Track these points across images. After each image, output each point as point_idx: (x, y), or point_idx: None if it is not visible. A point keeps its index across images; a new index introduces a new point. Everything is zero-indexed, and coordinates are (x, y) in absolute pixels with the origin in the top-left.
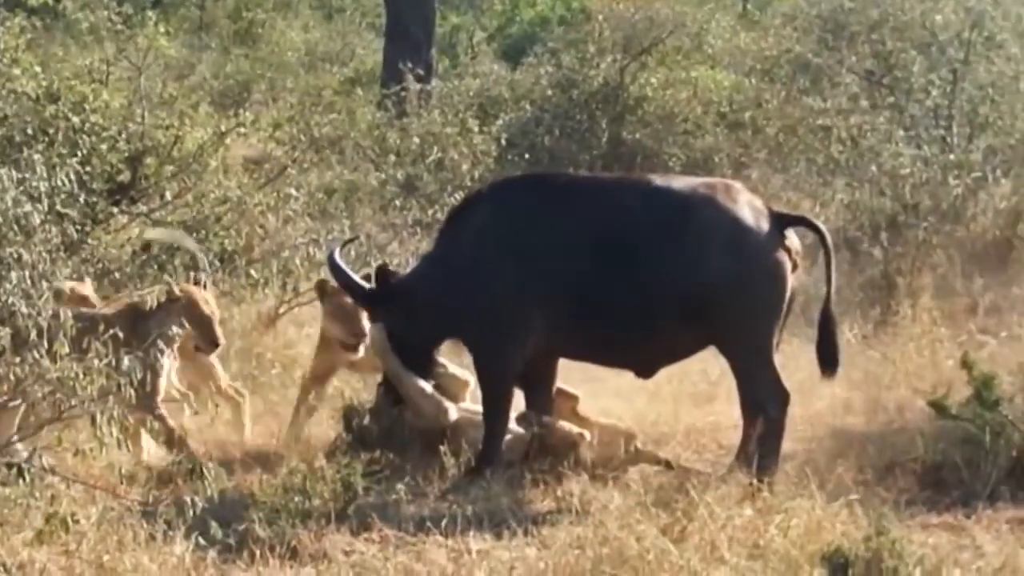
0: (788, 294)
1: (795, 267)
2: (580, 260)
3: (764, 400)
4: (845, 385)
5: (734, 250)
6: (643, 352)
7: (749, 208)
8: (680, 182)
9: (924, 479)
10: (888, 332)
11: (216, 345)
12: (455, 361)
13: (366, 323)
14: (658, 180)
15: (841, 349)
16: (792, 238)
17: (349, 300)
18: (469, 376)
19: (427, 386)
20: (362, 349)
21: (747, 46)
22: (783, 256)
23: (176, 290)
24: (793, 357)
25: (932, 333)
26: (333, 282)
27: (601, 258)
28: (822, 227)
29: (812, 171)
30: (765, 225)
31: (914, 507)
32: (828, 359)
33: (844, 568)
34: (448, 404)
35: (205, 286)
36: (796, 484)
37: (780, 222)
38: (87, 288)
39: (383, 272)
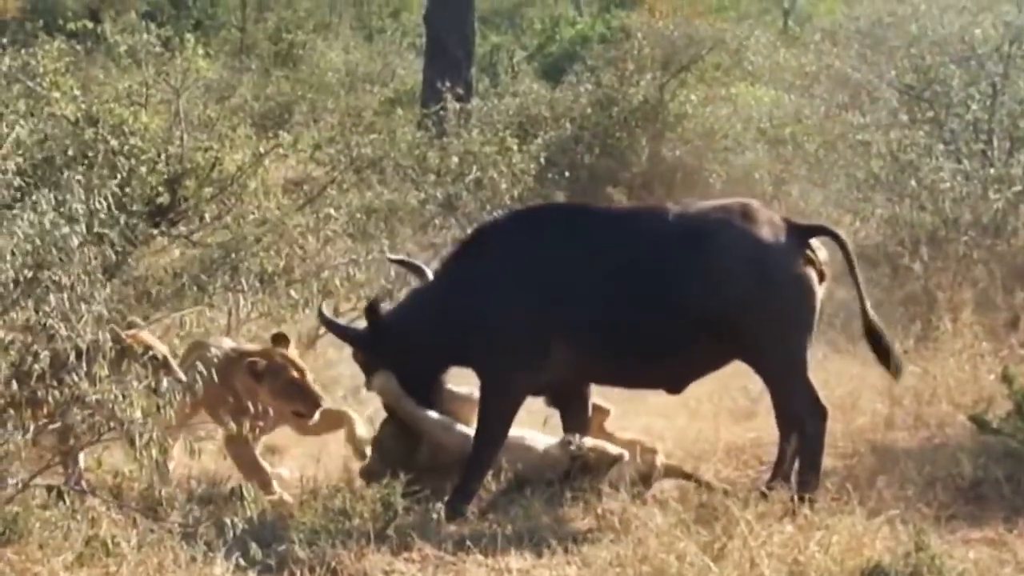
0: (817, 306)
1: (822, 278)
2: (601, 291)
3: (801, 415)
4: (886, 400)
5: (756, 267)
6: (671, 373)
7: (767, 225)
8: (696, 207)
9: (965, 494)
10: (929, 347)
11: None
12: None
13: (318, 389)
14: (674, 207)
15: (895, 350)
16: (819, 249)
17: (292, 372)
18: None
19: (445, 420)
20: (317, 415)
21: (786, 62)
22: (807, 269)
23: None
24: (835, 373)
25: (973, 348)
26: (263, 362)
27: (622, 287)
28: (841, 234)
29: (852, 186)
30: (784, 239)
31: (955, 522)
32: (889, 363)
33: None
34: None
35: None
36: (837, 500)
37: (801, 234)
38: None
39: (374, 311)
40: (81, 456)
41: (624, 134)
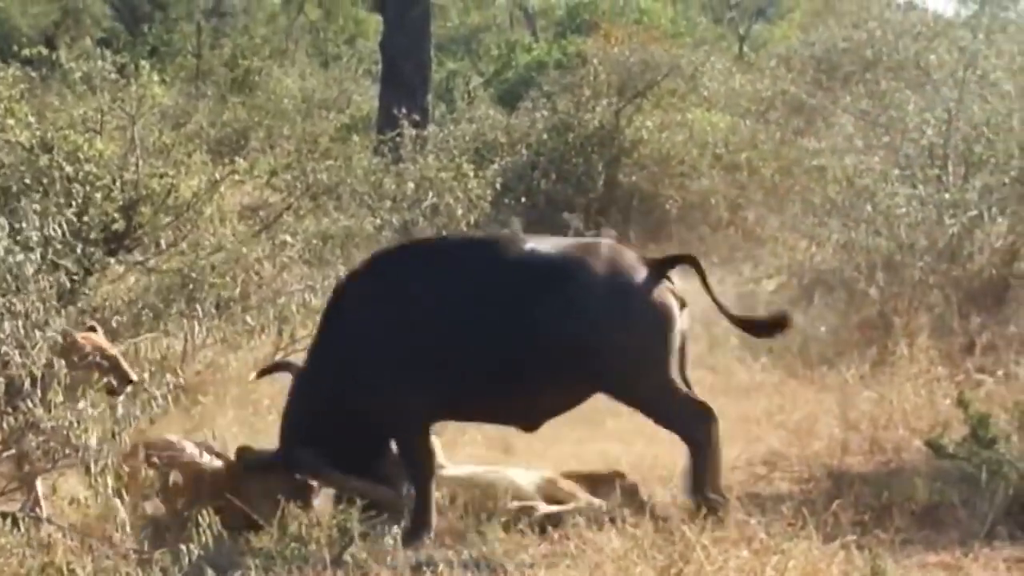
0: (676, 332)
1: (683, 305)
2: (453, 326)
3: (684, 428)
4: (842, 425)
5: (615, 300)
6: (526, 408)
7: (621, 262)
8: (551, 242)
9: (922, 519)
10: (885, 372)
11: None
12: None
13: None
14: (531, 241)
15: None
16: (676, 281)
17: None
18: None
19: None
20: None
21: (742, 88)
22: (663, 300)
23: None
24: (791, 398)
25: (929, 372)
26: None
27: (474, 322)
28: (695, 258)
29: (808, 211)
30: (639, 276)
31: (911, 547)
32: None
33: None
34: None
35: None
36: (792, 525)
37: (658, 268)
38: (100, 337)
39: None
40: (37, 483)
41: (580, 160)
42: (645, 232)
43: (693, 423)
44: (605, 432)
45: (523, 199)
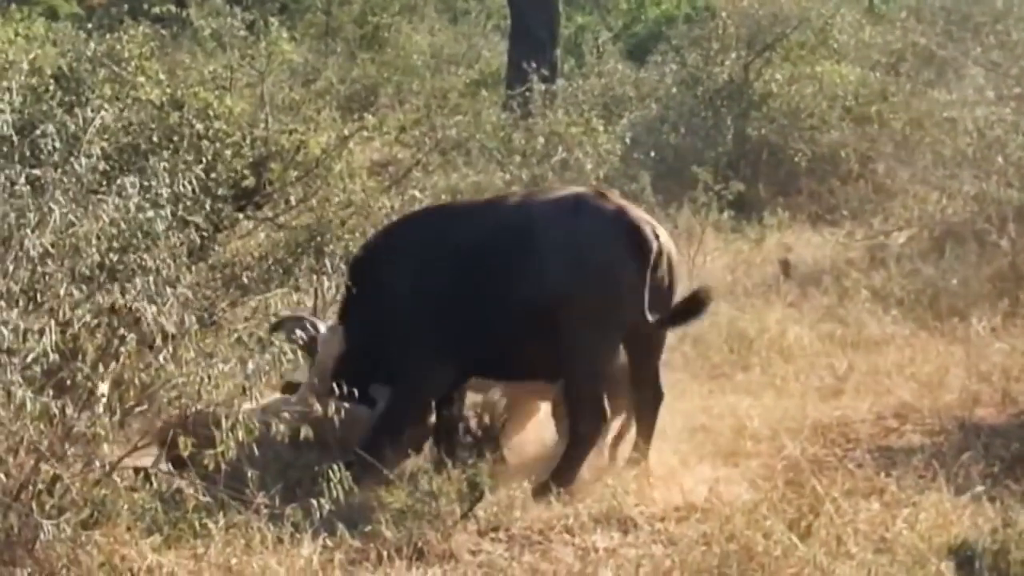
0: (630, 296)
1: (653, 267)
2: (457, 289)
3: (578, 415)
4: (973, 377)
5: (570, 258)
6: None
7: (591, 215)
8: (537, 197)
9: None
10: (1017, 323)
11: None
12: None
13: None
14: (515, 199)
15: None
16: (655, 239)
17: None
18: None
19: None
20: None
21: (872, 39)
22: (623, 259)
23: None
24: (921, 350)
25: None
26: None
27: (470, 282)
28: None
29: (939, 164)
30: (607, 229)
31: None
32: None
33: (971, 561)
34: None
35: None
36: (923, 477)
37: (629, 229)
38: None
39: None
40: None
41: (709, 113)
42: (774, 186)
43: (588, 419)
44: (734, 385)
45: (652, 153)
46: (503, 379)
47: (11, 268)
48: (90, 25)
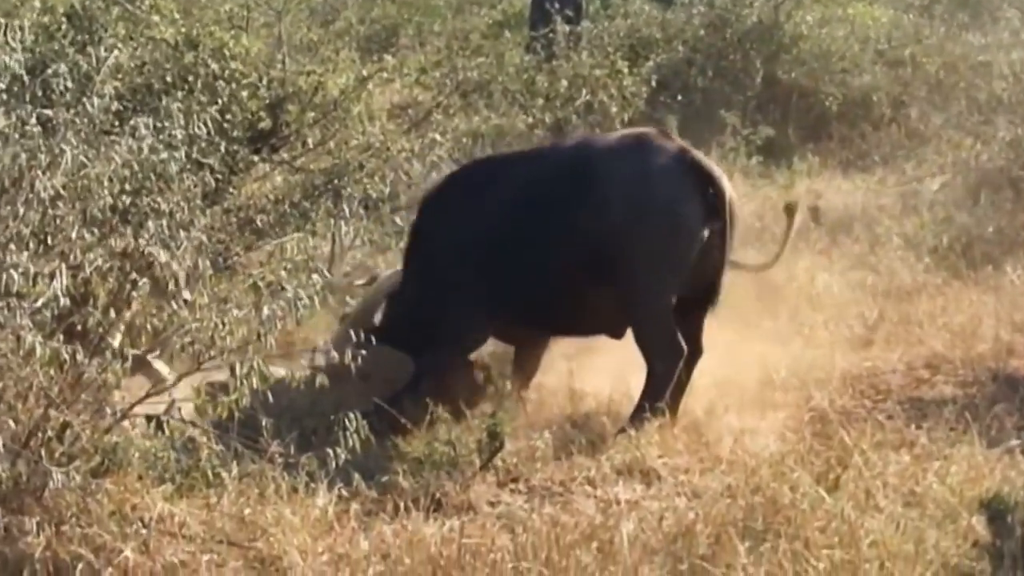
0: (692, 241)
1: (717, 212)
2: (515, 237)
3: (652, 353)
4: (1007, 327)
5: (631, 198)
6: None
7: (655, 155)
8: (598, 137)
9: None
10: None
11: None
12: None
13: None
14: (575, 140)
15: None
16: (717, 183)
17: None
18: None
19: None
20: None
21: None
22: (685, 204)
23: None
24: (954, 299)
25: None
26: None
27: (527, 229)
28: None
29: (973, 108)
30: (671, 172)
31: None
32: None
33: (1003, 515)
34: None
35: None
36: (955, 429)
37: (694, 171)
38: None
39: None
40: (181, 385)
41: (738, 56)
42: (804, 130)
43: (663, 355)
44: (761, 333)
45: (679, 96)
46: (558, 331)
47: (22, 210)
48: None
